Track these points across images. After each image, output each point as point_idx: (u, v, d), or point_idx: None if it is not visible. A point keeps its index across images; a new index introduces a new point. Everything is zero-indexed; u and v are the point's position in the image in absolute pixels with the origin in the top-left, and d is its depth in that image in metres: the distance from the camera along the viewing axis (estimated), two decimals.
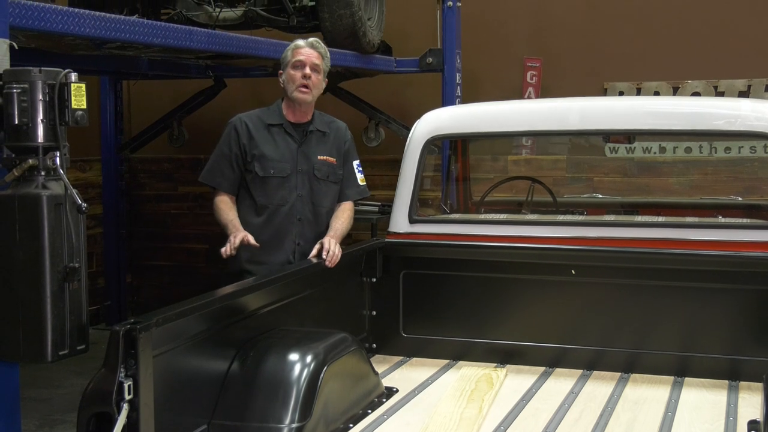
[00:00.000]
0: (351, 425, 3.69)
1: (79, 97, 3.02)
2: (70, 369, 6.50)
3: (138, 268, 8.76)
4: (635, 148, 7.26)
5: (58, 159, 3.00)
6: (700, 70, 7.37)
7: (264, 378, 3.46)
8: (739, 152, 7.07)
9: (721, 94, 7.29)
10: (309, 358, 3.56)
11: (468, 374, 4.30)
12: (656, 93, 7.43)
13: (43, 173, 2.98)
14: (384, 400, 4.01)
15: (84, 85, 3.05)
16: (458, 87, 7.02)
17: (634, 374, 4.35)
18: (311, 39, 4.47)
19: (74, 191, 2.99)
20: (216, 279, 4.86)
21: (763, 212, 5.74)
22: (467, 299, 4.66)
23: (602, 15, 7.64)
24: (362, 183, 4.62)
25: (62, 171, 3.00)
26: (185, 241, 8.63)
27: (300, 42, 4.43)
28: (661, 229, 4.48)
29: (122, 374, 2.76)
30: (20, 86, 2.95)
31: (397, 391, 4.15)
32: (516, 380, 4.31)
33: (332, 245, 4.23)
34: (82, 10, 3.97)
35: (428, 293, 4.71)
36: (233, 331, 3.58)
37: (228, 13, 6.10)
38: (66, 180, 3.00)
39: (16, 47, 3.26)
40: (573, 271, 4.46)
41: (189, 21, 5.85)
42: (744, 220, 5.03)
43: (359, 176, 4.60)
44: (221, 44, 5.01)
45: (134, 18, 4.53)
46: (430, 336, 4.70)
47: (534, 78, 7.69)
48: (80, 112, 3.02)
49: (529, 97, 7.60)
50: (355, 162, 4.61)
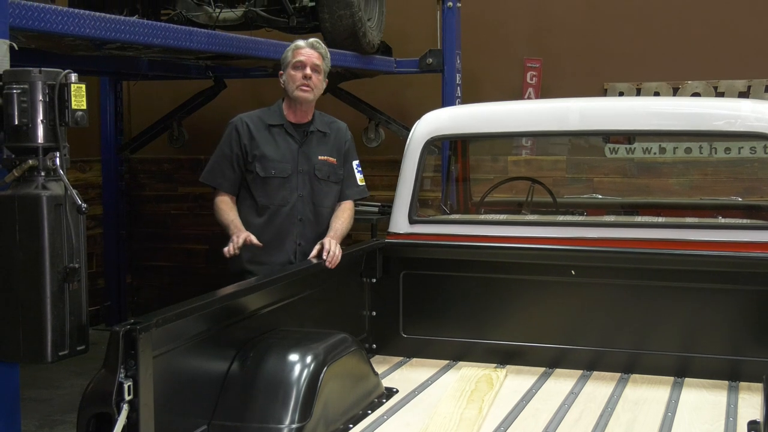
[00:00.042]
0: (351, 426, 3.69)
1: (79, 98, 3.02)
2: (70, 369, 6.50)
3: (138, 269, 8.76)
4: (635, 149, 7.25)
5: (58, 159, 3.00)
6: (700, 71, 7.36)
7: (264, 378, 3.46)
8: (739, 153, 7.06)
9: (721, 95, 7.28)
10: (309, 359, 3.56)
11: (468, 375, 4.30)
12: (656, 93, 7.42)
13: (43, 174, 2.98)
14: (384, 401, 4.01)
15: (84, 86, 3.05)
16: (458, 87, 7.01)
17: (634, 375, 4.35)
18: (312, 39, 4.46)
19: (74, 192, 2.99)
20: (217, 279, 4.86)
21: (763, 213, 5.74)
22: (467, 300, 4.66)
23: (602, 15, 7.64)
24: (361, 183, 4.62)
25: (62, 171, 3.00)
26: (185, 242, 8.63)
27: (300, 42, 4.42)
28: (661, 230, 4.47)
29: (122, 375, 2.76)
30: (20, 87, 2.95)
31: (397, 392, 4.15)
32: (516, 381, 4.31)
33: (332, 246, 4.23)
34: (82, 11, 3.97)
35: (428, 294, 4.71)
36: (233, 332, 3.58)
37: (228, 14, 6.09)
38: (66, 180, 3.00)
39: (16, 48, 3.26)
40: (573, 272, 4.46)
41: (189, 21, 5.85)
42: (744, 221, 5.03)
43: (359, 176, 4.61)
44: (221, 45, 5.01)
45: (134, 18, 4.53)
46: (430, 336, 4.70)
47: (534, 78, 7.68)
48: (80, 113, 3.02)
49: (529, 98, 7.59)
50: (355, 162, 4.61)
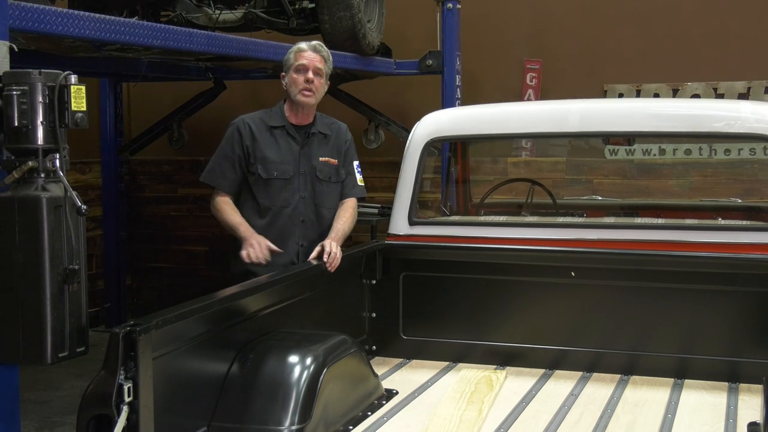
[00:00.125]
0: (351, 427, 3.69)
1: (79, 99, 3.02)
2: (70, 371, 6.49)
3: (138, 270, 8.75)
4: (635, 150, 7.25)
5: (58, 161, 3.00)
6: (700, 72, 7.36)
7: (264, 380, 3.46)
8: (739, 154, 7.06)
9: (721, 96, 7.27)
10: (309, 360, 3.56)
11: (468, 376, 4.30)
12: (656, 95, 7.42)
13: (43, 175, 2.98)
14: (384, 402, 4.01)
15: (84, 87, 3.05)
16: (458, 89, 7.01)
17: (634, 376, 4.35)
18: (314, 42, 4.46)
19: (74, 193, 2.99)
20: (217, 281, 4.86)
21: (763, 214, 5.74)
22: (467, 301, 4.66)
23: (602, 17, 7.64)
24: (361, 183, 4.63)
25: (62, 173, 3.00)
26: (185, 243, 8.63)
27: (303, 45, 4.42)
28: (661, 231, 4.47)
29: (122, 376, 2.76)
30: (20, 88, 2.95)
31: (397, 393, 4.15)
32: (516, 382, 4.30)
33: (333, 247, 4.23)
34: (82, 12, 3.97)
35: (428, 295, 4.71)
36: (233, 333, 3.58)
37: (228, 15, 6.09)
38: (66, 182, 2.99)
39: (16, 49, 3.26)
40: (573, 273, 4.46)
41: (189, 23, 5.84)
42: (744, 222, 5.03)
43: (358, 177, 4.61)
44: (221, 46, 5.01)
45: (134, 20, 4.53)
46: (430, 338, 4.70)
47: (534, 80, 7.68)
48: (80, 114, 3.02)
49: (529, 99, 7.59)
50: (355, 162, 4.62)
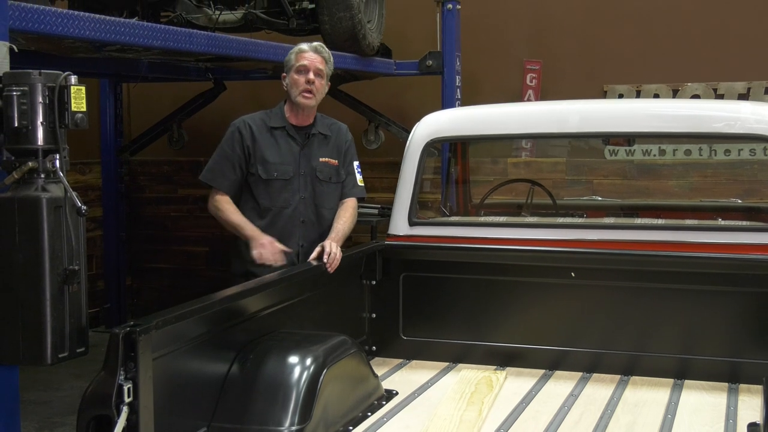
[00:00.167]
0: (351, 428, 3.69)
1: (79, 100, 3.02)
2: (70, 372, 6.49)
3: (138, 271, 8.76)
4: (635, 151, 7.26)
5: (58, 161, 2.99)
6: (700, 73, 7.36)
7: (264, 381, 3.46)
8: (739, 155, 7.06)
9: (721, 97, 7.28)
10: (309, 361, 3.56)
11: (468, 377, 4.30)
12: (656, 95, 7.42)
13: (43, 176, 2.97)
14: (384, 403, 4.01)
15: (84, 88, 3.05)
16: (458, 89, 7.02)
17: (634, 377, 4.35)
18: (315, 43, 4.47)
19: (74, 194, 2.98)
20: (217, 281, 4.86)
21: (763, 215, 5.74)
22: (467, 302, 4.66)
23: (602, 17, 7.64)
24: (360, 184, 4.63)
25: (62, 174, 3.00)
26: (185, 244, 8.63)
27: (304, 46, 4.43)
28: (661, 232, 4.47)
29: (122, 377, 2.76)
30: (20, 89, 2.94)
31: (397, 394, 4.14)
32: (516, 383, 4.30)
33: (333, 248, 4.22)
34: (82, 13, 3.97)
35: (428, 296, 4.71)
36: (233, 334, 3.58)
37: (228, 16, 6.09)
38: (66, 182, 2.99)
39: (16, 50, 3.26)
40: (573, 274, 4.46)
41: (189, 23, 5.85)
42: (744, 223, 5.03)
43: (358, 177, 4.62)
44: (221, 47, 5.01)
45: (134, 21, 4.53)
46: (430, 338, 4.70)
47: (534, 80, 7.69)
48: (80, 115, 3.01)
49: (529, 100, 7.60)
50: (355, 163, 4.62)
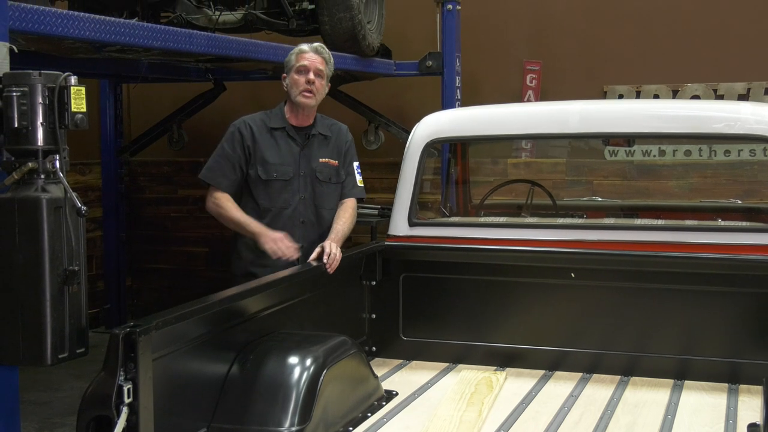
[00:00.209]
0: (350, 428, 3.68)
1: (79, 100, 3.02)
2: (70, 372, 6.50)
3: (138, 271, 8.76)
4: (635, 152, 7.26)
5: (58, 162, 2.99)
6: (700, 73, 7.37)
7: (264, 381, 3.46)
8: (739, 155, 7.06)
9: (721, 97, 7.28)
10: (309, 362, 3.56)
11: (468, 377, 4.30)
12: (656, 96, 7.42)
13: (43, 176, 2.97)
14: (383, 404, 4.01)
15: (84, 88, 3.05)
16: (458, 90, 7.02)
17: (634, 377, 4.35)
18: (315, 44, 4.48)
19: (74, 194, 2.99)
20: (217, 282, 4.86)
21: (763, 215, 5.74)
22: (467, 302, 4.66)
23: (602, 18, 7.64)
24: (360, 184, 4.63)
25: (62, 174, 3.00)
26: (185, 245, 8.63)
27: (304, 47, 4.44)
28: (661, 232, 4.47)
29: (122, 377, 2.76)
30: (20, 89, 2.94)
31: (397, 395, 4.14)
32: (516, 383, 4.30)
33: (333, 249, 4.22)
34: (82, 14, 3.97)
35: (428, 296, 4.71)
36: (233, 334, 3.58)
37: (228, 17, 6.10)
38: (65, 183, 2.99)
39: (16, 50, 3.26)
40: (573, 274, 4.46)
41: (189, 24, 5.85)
42: (743, 223, 5.03)
43: (358, 177, 4.62)
44: (221, 47, 5.01)
45: (134, 21, 4.53)
46: (430, 339, 4.70)
47: (534, 81, 7.69)
48: (80, 115, 3.01)
49: (529, 100, 7.60)
50: (355, 163, 4.62)
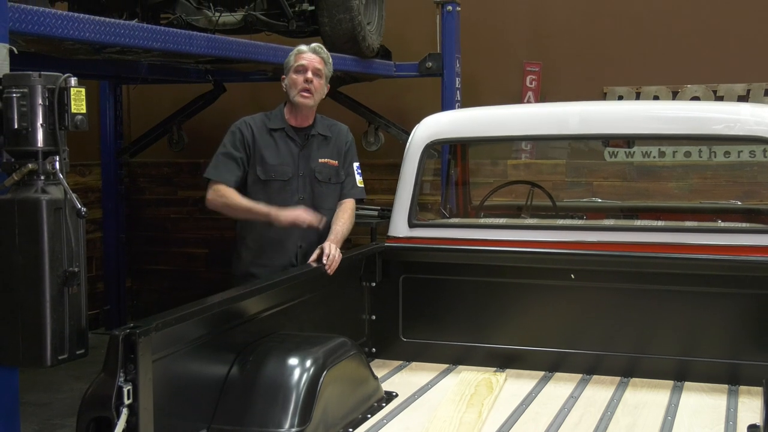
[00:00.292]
0: (350, 430, 3.69)
1: (79, 102, 3.02)
2: (70, 373, 6.49)
3: (137, 273, 8.76)
4: (635, 153, 7.26)
5: (58, 163, 2.99)
6: (700, 75, 7.37)
7: (263, 382, 3.46)
8: (739, 156, 7.06)
9: (721, 99, 7.28)
10: (308, 363, 3.55)
11: (467, 378, 4.30)
12: (655, 97, 7.43)
13: (43, 178, 2.97)
14: (383, 405, 4.01)
15: (83, 90, 3.05)
16: (458, 91, 7.02)
17: (634, 378, 4.34)
18: (314, 44, 4.49)
19: (74, 195, 2.99)
20: (217, 283, 4.86)
21: (763, 216, 5.74)
22: (467, 303, 4.65)
23: (602, 19, 7.65)
24: (360, 185, 4.63)
25: (62, 175, 3.00)
26: (185, 246, 8.63)
27: (303, 47, 4.45)
28: (661, 234, 4.48)
29: (122, 379, 2.76)
30: (20, 91, 2.94)
31: (397, 396, 4.14)
32: (515, 384, 4.30)
33: (332, 250, 4.22)
34: (82, 15, 3.97)
35: (428, 297, 4.71)
36: (233, 336, 3.58)
37: (227, 18, 6.10)
38: (65, 184, 2.99)
39: (16, 52, 3.26)
40: (572, 276, 4.46)
41: (188, 25, 5.85)
42: (743, 225, 5.04)
43: (358, 178, 4.62)
44: (221, 49, 5.01)
45: (134, 22, 4.53)
46: (430, 340, 4.70)
47: (533, 82, 7.69)
48: (80, 117, 3.02)
49: (529, 102, 7.60)
50: (355, 164, 4.62)
